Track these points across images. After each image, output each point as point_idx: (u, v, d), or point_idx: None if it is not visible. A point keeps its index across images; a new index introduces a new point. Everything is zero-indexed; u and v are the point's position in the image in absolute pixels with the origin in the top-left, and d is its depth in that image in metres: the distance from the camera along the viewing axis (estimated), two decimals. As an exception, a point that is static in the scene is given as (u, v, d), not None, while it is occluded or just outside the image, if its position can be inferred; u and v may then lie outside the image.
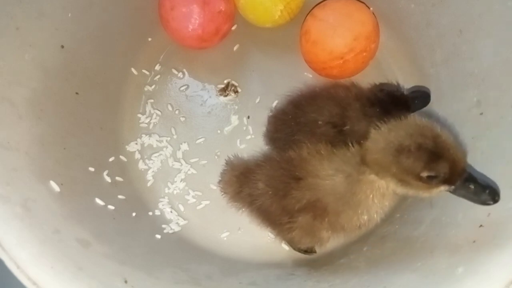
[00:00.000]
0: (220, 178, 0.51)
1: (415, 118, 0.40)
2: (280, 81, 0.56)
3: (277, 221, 0.46)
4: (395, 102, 0.45)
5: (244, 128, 0.56)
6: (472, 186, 0.38)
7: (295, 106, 0.51)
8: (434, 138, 0.37)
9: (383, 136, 0.39)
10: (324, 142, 0.45)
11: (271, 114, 0.53)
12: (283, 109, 0.52)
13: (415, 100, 0.47)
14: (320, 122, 0.48)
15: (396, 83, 0.47)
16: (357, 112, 0.46)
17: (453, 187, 0.38)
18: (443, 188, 0.39)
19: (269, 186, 0.45)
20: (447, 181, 0.38)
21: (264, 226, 0.48)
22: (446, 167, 0.37)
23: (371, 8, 0.54)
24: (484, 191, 0.37)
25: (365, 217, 0.42)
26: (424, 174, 0.37)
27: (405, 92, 0.47)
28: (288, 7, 0.54)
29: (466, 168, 0.38)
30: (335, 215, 0.43)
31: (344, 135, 0.47)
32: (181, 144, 0.56)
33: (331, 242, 0.47)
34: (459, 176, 0.38)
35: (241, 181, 0.48)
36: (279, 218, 0.45)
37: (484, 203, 0.37)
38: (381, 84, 0.48)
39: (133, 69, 0.57)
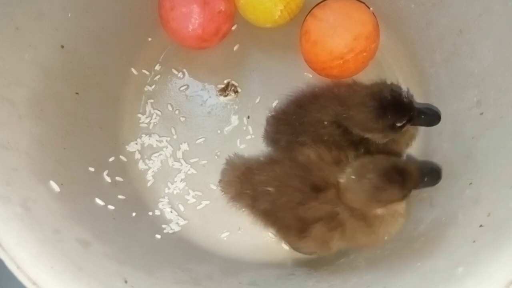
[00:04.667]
0: (220, 178, 0.51)
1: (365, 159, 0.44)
2: (280, 81, 0.56)
3: (286, 226, 0.46)
4: (396, 106, 0.44)
5: (244, 128, 0.56)
6: (426, 179, 0.44)
7: (298, 106, 0.51)
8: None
9: (356, 188, 0.42)
10: (334, 146, 0.46)
11: (270, 114, 0.53)
12: (284, 110, 0.52)
13: (422, 115, 0.46)
14: (325, 122, 0.48)
15: (407, 91, 0.46)
16: (359, 99, 0.46)
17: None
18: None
19: (282, 193, 0.45)
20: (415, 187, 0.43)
21: (267, 228, 0.48)
22: (413, 181, 0.42)
23: (371, 8, 0.54)
24: (433, 176, 0.44)
25: (383, 237, 0.44)
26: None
27: (415, 103, 0.46)
28: (288, 7, 0.53)
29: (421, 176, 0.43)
30: (352, 231, 0.44)
31: (349, 134, 0.47)
32: (181, 144, 0.56)
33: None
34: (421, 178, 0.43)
35: (243, 182, 0.48)
36: (289, 224, 0.45)
37: (435, 182, 0.44)
38: (393, 85, 0.47)
39: (133, 69, 0.57)
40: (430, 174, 0.44)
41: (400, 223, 0.44)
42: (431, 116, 0.46)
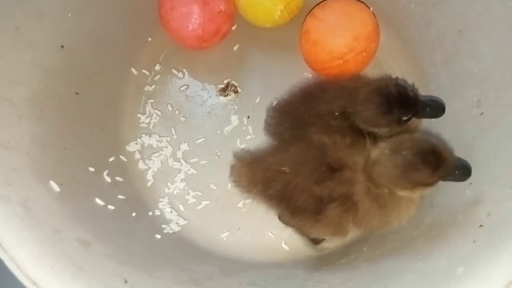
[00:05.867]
0: (230, 173, 0.50)
1: (404, 136, 0.44)
2: (280, 81, 0.56)
3: (301, 208, 0.45)
4: (402, 101, 0.44)
5: (244, 128, 0.56)
6: (457, 172, 0.42)
7: (305, 97, 0.50)
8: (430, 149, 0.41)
9: (388, 162, 0.42)
10: (343, 134, 0.46)
11: (272, 107, 0.52)
12: (290, 101, 0.51)
13: (427, 107, 0.45)
14: (336, 114, 0.47)
15: (412, 84, 0.46)
16: (364, 95, 0.45)
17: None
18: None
19: (298, 172, 0.44)
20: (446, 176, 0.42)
21: (280, 210, 0.47)
22: (447, 169, 0.41)
23: (371, 8, 0.54)
24: (463, 172, 0.43)
25: (394, 221, 0.44)
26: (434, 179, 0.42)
27: (420, 96, 0.46)
28: (288, 7, 0.53)
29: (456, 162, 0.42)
30: (365, 213, 0.43)
31: (356, 126, 0.47)
32: (181, 144, 0.56)
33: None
34: (453, 169, 0.42)
35: (253, 168, 0.47)
36: (305, 205, 0.45)
37: (464, 180, 0.43)
38: (398, 79, 0.46)
39: (133, 69, 0.57)
40: (461, 168, 0.43)
41: (412, 210, 0.44)
42: (435, 108, 0.46)
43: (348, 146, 0.45)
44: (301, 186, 0.44)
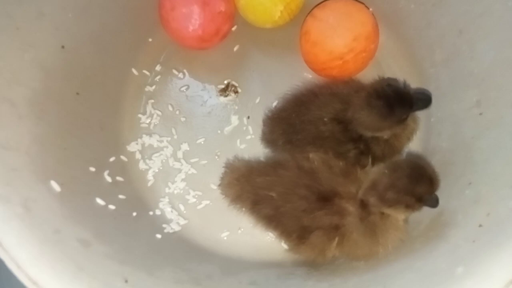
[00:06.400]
0: (220, 181, 0.51)
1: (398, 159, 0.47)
2: (280, 81, 0.56)
3: (287, 232, 0.46)
4: (400, 99, 0.45)
5: (244, 128, 0.57)
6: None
7: (297, 104, 0.51)
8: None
9: (390, 180, 0.42)
10: (335, 144, 0.47)
11: (266, 115, 0.53)
12: (282, 108, 0.52)
13: (418, 101, 0.46)
14: (325, 119, 0.48)
15: (403, 81, 0.46)
16: (362, 102, 0.46)
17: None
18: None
19: (287, 200, 0.45)
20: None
21: (268, 231, 0.48)
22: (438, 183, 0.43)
23: (370, 9, 0.54)
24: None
25: (381, 248, 0.44)
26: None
27: (411, 91, 0.46)
28: (288, 7, 0.53)
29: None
30: (352, 243, 0.44)
31: (349, 131, 0.47)
32: (182, 144, 0.57)
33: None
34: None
35: (243, 184, 0.48)
36: (291, 231, 0.45)
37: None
38: (389, 79, 0.47)
39: (133, 69, 0.57)
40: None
41: (398, 236, 0.44)
42: (425, 100, 0.46)
43: (341, 173, 0.45)
44: (289, 214, 0.45)
